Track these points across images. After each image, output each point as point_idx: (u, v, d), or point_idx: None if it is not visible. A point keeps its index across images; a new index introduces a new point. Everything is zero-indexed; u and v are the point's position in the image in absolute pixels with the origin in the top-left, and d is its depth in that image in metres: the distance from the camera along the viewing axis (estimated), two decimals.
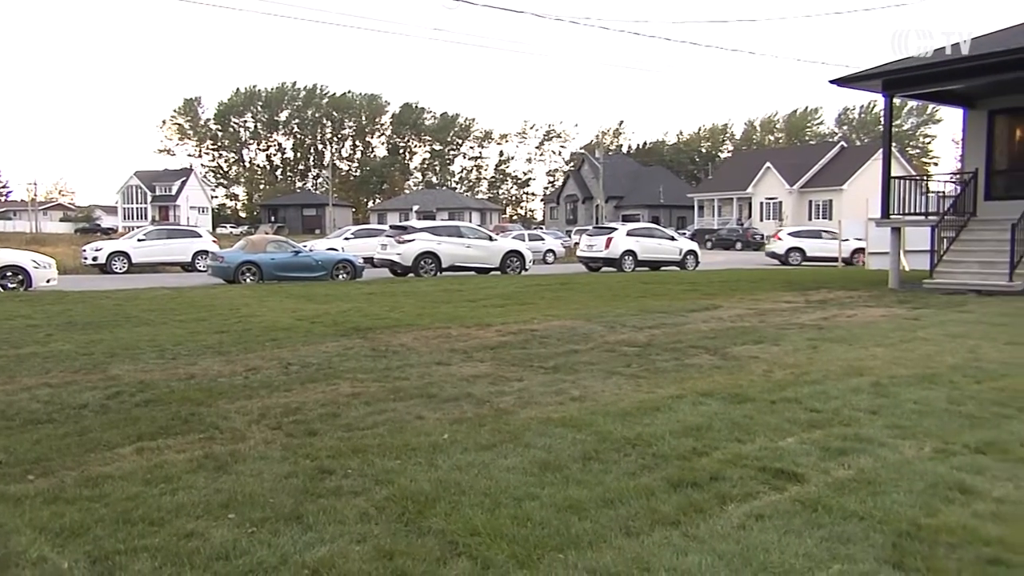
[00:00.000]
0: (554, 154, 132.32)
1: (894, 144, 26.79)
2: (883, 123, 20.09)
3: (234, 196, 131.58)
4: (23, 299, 16.35)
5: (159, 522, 4.01)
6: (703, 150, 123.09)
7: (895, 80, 18.19)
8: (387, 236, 27.03)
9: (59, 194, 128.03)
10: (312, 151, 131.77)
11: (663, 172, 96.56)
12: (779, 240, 36.73)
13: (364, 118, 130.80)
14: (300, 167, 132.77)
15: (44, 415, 6.27)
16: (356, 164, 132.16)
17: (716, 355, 8.74)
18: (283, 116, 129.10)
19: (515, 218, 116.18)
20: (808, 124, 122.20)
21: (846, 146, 79.55)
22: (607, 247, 29.14)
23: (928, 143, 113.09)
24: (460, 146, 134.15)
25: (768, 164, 73.03)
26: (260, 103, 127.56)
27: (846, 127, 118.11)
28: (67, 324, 12.19)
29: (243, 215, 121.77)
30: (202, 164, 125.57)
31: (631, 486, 4.40)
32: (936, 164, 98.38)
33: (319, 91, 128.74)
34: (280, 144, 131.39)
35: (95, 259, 28.64)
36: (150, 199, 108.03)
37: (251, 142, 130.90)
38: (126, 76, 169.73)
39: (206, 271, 25.13)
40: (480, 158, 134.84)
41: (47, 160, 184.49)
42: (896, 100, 19.98)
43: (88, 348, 9.75)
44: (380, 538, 3.76)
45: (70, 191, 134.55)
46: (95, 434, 5.67)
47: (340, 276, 23.28)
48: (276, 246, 23.92)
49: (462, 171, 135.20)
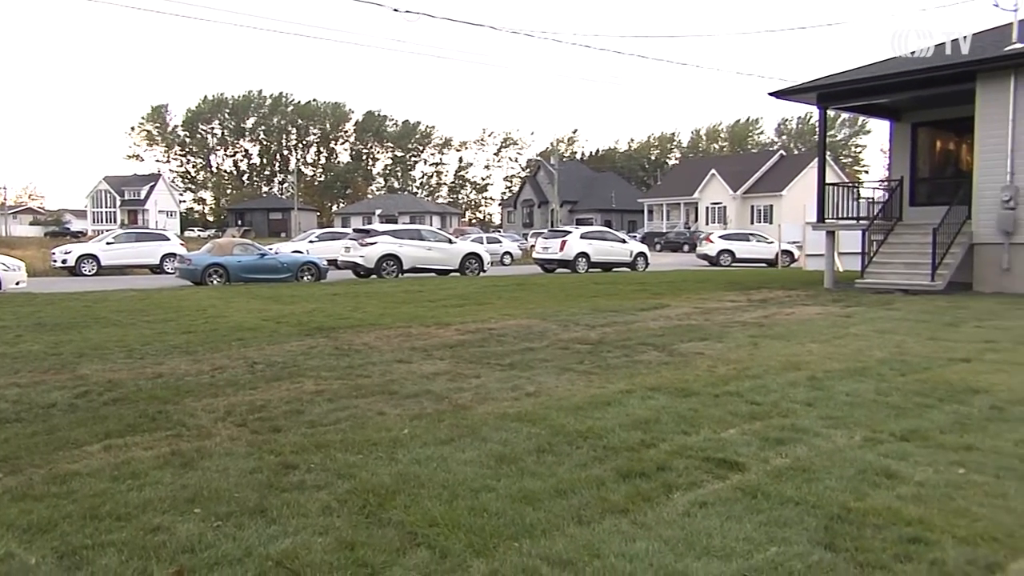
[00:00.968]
0: (511, 161, 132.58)
1: (828, 153, 27.27)
2: (818, 133, 20.42)
3: (202, 200, 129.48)
4: None
5: (126, 517, 3.94)
6: (652, 157, 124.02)
7: (828, 94, 18.55)
8: (350, 239, 26.85)
9: (29, 198, 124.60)
10: (278, 157, 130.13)
11: (615, 178, 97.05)
12: (711, 243, 37.11)
13: (328, 125, 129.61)
14: (266, 172, 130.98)
15: (12, 414, 6.12)
16: (321, 170, 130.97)
17: (664, 352, 8.82)
18: (250, 123, 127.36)
19: (474, 222, 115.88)
20: (750, 133, 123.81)
21: (785, 154, 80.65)
22: (562, 249, 29.24)
23: (859, 152, 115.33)
24: (421, 153, 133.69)
25: (713, 171, 73.81)
26: (227, 110, 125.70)
27: (785, 137, 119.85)
28: (36, 325, 11.90)
29: (211, 219, 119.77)
30: (170, 169, 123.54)
31: (582, 477, 4.42)
32: (867, 172, 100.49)
33: (285, 99, 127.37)
34: (247, 150, 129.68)
35: (64, 262, 28.14)
36: (119, 203, 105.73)
37: (218, 148, 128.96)
38: (95, 83, 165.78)
39: (174, 273, 24.69)
40: (440, 164, 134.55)
41: (16, 165, 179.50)
42: (830, 112, 20.35)
43: (57, 348, 9.53)
44: (342, 530, 3.73)
45: (39, 195, 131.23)
46: (63, 432, 5.55)
47: (305, 278, 23.05)
48: (242, 249, 23.62)
49: (423, 177, 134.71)
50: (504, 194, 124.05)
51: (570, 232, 30.97)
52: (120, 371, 7.99)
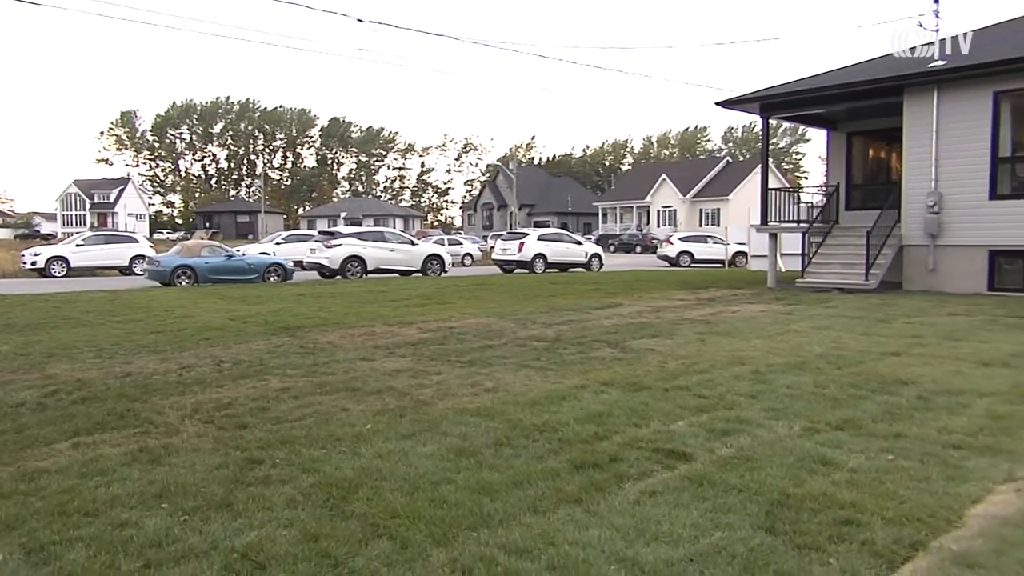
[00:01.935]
0: (471, 165, 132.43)
1: (771, 160, 27.67)
2: (761, 141, 20.71)
3: (171, 204, 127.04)
4: None
5: (94, 513, 3.86)
6: (606, 163, 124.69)
7: (770, 104, 18.83)
8: (316, 241, 26.64)
9: None
10: (245, 161, 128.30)
11: (571, 182, 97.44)
12: (671, 244, 37.42)
13: (294, 131, 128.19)
14: (234, 176, 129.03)
15: None
16: (287, 174, 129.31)
17: (617, 348, 8.88)
18: (217, 128, 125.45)
19: (436, 224, 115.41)
20: (698, 140, 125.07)
21: (731, 161, 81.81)
22: (520, 251, 29.28)
23: (800, 160, 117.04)
24: (385, 157, 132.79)
25: (664, 176, 74.53)
26: (195, 116, 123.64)
27: (731, 144, 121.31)
28: (5, 326, 11.58)
29: (179, 222, 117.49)
30: (139, 173, 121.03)
31: (538, 469, 4.43)
32: (806, 178, 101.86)
33: (252, 105, 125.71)
34: (215, 155, 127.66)
35: (34, 264, 27.37)
36: (88, 206, 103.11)
37: (187, 153, 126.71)
38: (65, 88, 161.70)
39: (143, 275, 24.23)
40: (403, 169, 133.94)
41: None
42: (772, 121, 20.66)
43: (26, 348, 9.29)
44: (306, 522, 3.70)
45: (9, 199, 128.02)
46: (32, 431, 5.42)
47: (271, 279, 22.79)
48: (210, 250, 23.25)
49: (387, 181, 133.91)
50: (465, 198, 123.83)
51: (528, 234, 31.02)
52: (89, 370, 7.81)
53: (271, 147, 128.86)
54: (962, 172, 15.56)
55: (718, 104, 19.72)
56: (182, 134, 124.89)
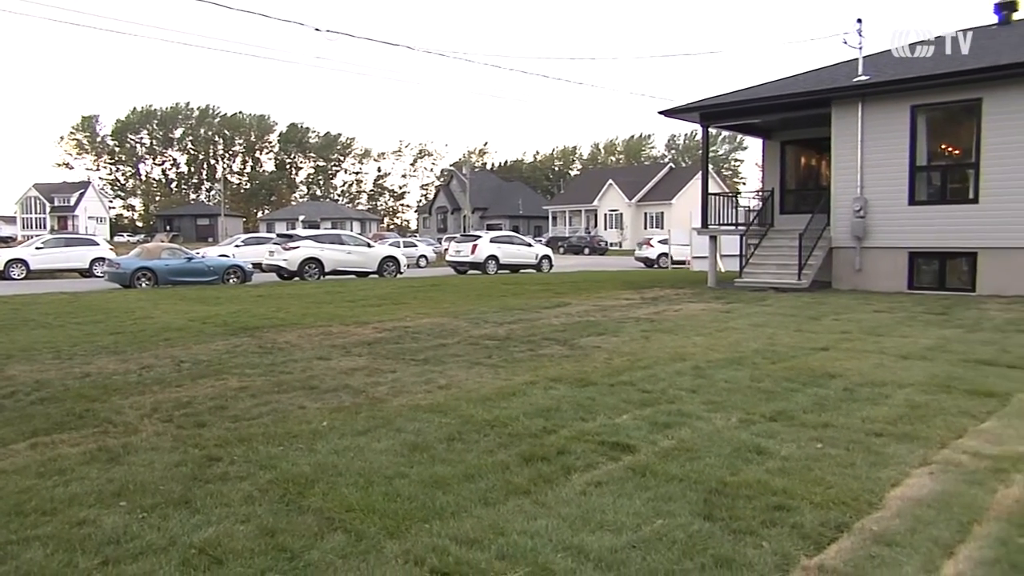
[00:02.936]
0: (426, 170, 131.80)
1: (711, 166, 28.13)
2: (702, 148, 21.03)
3: (131, 207, 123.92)
4: None
5: (52, 512, 3.74)
6: (556, 168, 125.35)
7: (709, 113, 19.15)
8: (275, 243, 26.22)
9: None
10: (205, 166, 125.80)
11: (522, 187, 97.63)
12: (651, 247, 36.86)
13: (254, 136, 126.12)
14: (194, 180, 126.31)
15: None
16: (246, 178, 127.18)
17: (565, 346, 8.92)
18: (178, 133, 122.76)
19: (392, 227, 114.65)
20: (643, 147, 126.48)
21: (674, 167, 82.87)
22: (473, 252, 29.21)
23: (738, 166, 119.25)
24: (342, 162, 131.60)
25: (610, 181, 75.22)
26: (156, 121, 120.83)
27: (674, 151, 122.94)
28: None
29: (140, 225, 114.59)
30: (100, 177, 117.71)
31: (489, 462, 4.43)
32: (744, 183, 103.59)
33: (211, 111, 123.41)
34: (175, 159, 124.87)
35: None
36: (49, 210, 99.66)
37: (147, 157, 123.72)
38: (25, 93, 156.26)
39: (103, 277, 23.57)
40: (360, 173, 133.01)
41: None
42: (712, 129, 20.99)
43: None
44: (263, 517, 3.64)
45: None
46: None
47: (231, 280, 22.39)
48: (170, 253, 22.77)
49: (344, 185, 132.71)
50: (420, 201, 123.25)
51: (481, 237, 30.97)
52: (48, 371, 7.57)
53: (231, 152, 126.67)
54: (884, 179, 16.04)
55: (661, 113, 19.98)
56: (142, 139, 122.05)
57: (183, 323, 11.64)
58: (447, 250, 35.35)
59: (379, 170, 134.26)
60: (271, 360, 8.12)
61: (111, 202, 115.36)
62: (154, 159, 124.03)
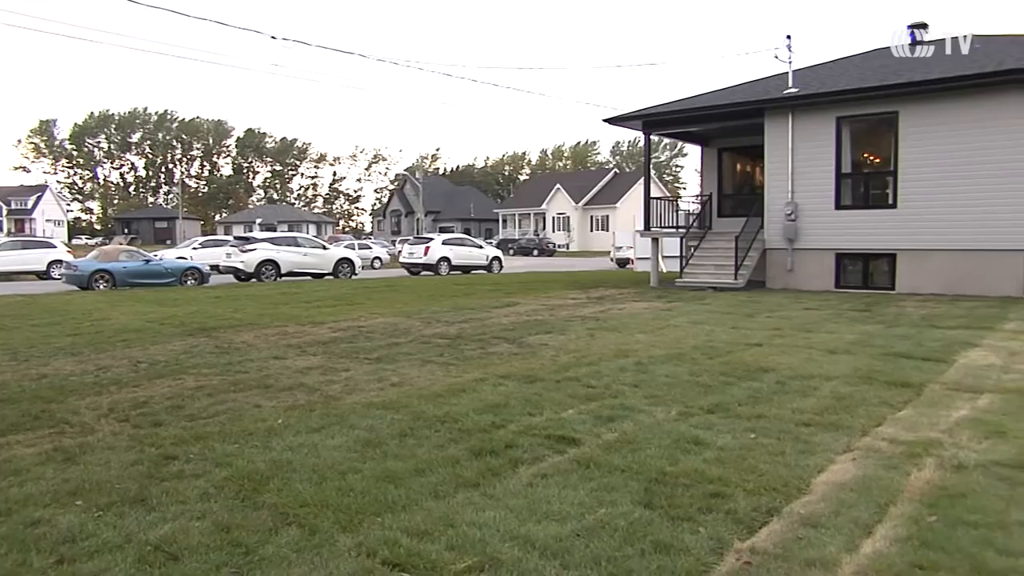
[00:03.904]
0: (381, 174, 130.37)
1: (653, 171, 28.43)
2: (644, 155, 21.30)
3: (89, 210, 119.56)
4: None
5: (6, 512, 3.62)
6: (506, 172, 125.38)
7: (651, 121, 19.42)
8: (232, 246, 25.73)
9: None
10: (163, 170, 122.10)
11: (473, 191, 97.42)
12: (631, 249, 36.71)
13: (211, 141, 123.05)
14: (152, 184, 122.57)
15: None
16: (204, 182, 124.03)
17: (514, 344, 8.95)
18: (136, 137, 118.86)
19: (347, 230, 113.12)
20: (589, 153, 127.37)
21: (619, 172, 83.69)
22: (426, 254, 29.08)
23: (679, 171, 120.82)
24: (298, 167, 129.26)
25: (558, 185, 75.56)
26: (114, 125, 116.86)
27: (619, 156, 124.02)
28: None
29: (98, 228, 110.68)
30: (57, 181, 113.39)
31: (440, 457, 4.43)
32: (685, 188, 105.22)
33: (169, 116, 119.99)
34: (133, 163, 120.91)
35: None
36: (5, 213, 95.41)
37: (105, 161, 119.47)
38: None
39: (61, 279, 22.79)
40: (316, 177, 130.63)
41: None
42: (654, 137, 21.29)
43: None
44: (218, 514, 3.58)
45: None
46: None
47: (188, 282, 21.87)
48: (128, 255, 22.13)
49: (300, 188, 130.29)
50: (374, 205, 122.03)
51: (433, 239, 30.85)
52: (4, 373, 7.30)
53: (188, 156, 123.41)
54: (813, 185, 16.50)
55: (606, 121, 20.21)
56: (100, 143, 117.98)
57: (141, 324, 11.33)
58: (401, 252, 35.11)
59: (335, 174, 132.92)
60: (228, 360, 7.96)
61: (69, 205, 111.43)
62: (112, 163, 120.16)
